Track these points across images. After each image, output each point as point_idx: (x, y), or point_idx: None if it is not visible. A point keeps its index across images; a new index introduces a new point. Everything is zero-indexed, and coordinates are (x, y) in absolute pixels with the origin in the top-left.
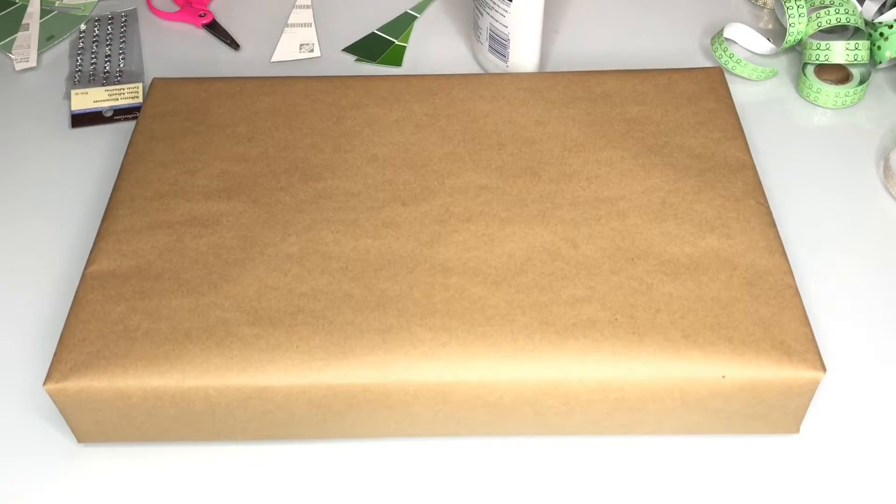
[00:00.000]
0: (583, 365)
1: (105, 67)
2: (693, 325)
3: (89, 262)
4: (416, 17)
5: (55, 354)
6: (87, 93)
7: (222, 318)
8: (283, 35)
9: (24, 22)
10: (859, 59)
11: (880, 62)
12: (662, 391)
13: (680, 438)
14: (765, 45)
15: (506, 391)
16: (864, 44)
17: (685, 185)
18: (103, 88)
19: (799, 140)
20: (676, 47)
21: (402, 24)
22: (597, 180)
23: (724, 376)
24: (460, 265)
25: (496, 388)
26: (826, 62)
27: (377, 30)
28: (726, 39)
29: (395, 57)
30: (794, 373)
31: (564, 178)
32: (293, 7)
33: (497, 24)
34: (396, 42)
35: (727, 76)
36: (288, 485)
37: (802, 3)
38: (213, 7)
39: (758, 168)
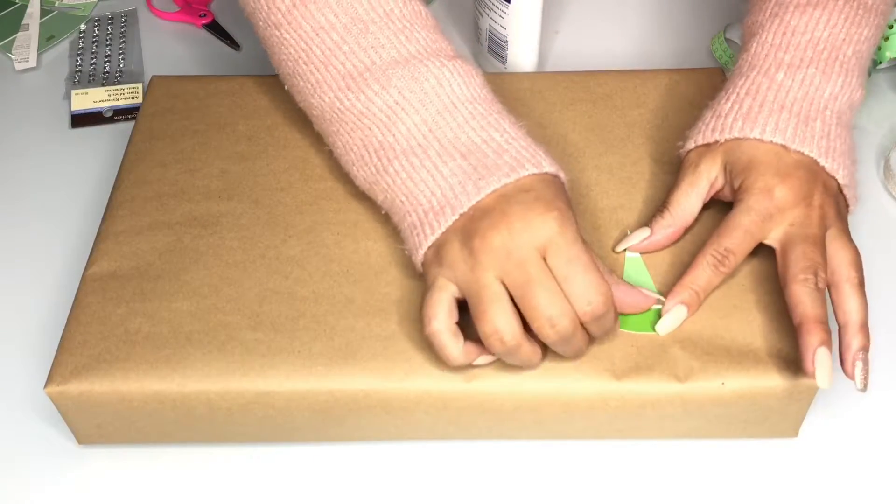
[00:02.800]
0: (582, 374)
1: (105, 67)
2: (691, 334)
3: (89, 264)
4: None
5: (55, 357)
6: (87, 93)
7: (223, 322)
8: None
9: (24, 22)
10: None
11: (880, 62)
12: (662, 399)
13: (679, 442)
14: None
15: (506, 399)
16: None
17: None
18: (103, 89)
19: None
20: (677, 47)
21: None
22: (596, 188)
23: (723, 383)
24: None
25: (497, 395)
26: None
27: None
28: (727, 40)
29: None
30: (792, 379)
31: None
32: None
33: (496, 26)
34: None
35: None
36: (288, 486)
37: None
38: (213, 7)
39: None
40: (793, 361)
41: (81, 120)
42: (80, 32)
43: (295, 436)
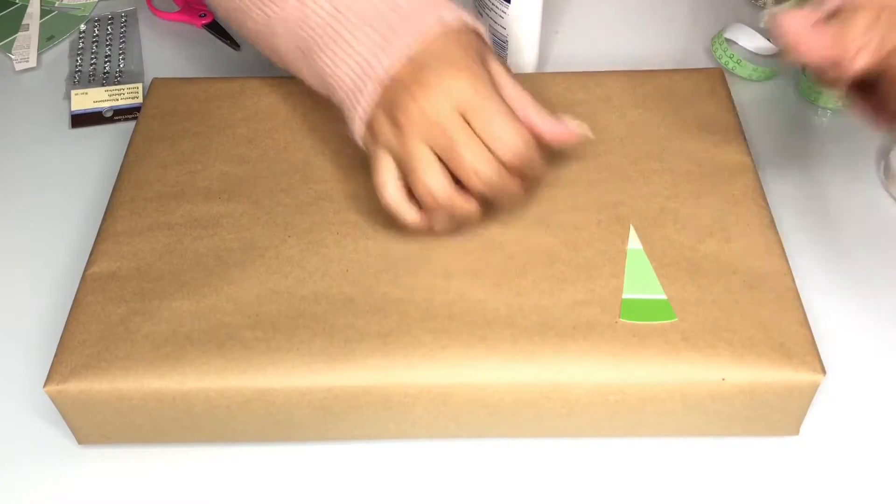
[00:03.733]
0: (583, 367)
1: (105, 67)
2: (693, 327)
3: (89, 264)
4: None
5: (55, 356)
6: (87, 93)
7: (223, 321)
8: None
9: (24, 22)
10: None
11: None
12: (663, 394)
13: (679, 440)
14: (765, 45)
15: (506, 394)
16: None
17: (684, 189)
18: (103, 88)
19: (799, 140)
20: (676, 47)
21: None
22: (597, 185)
23: (724, 378)
24: (461, 268)
25: (496, 390)
26: None
27: None
28: (726, 39)
29: None
30: (793, 375)
31: (564, 182)
32: None
33: (496, 26)
34: None
35: (727, 76)
36: (288, 486)
37: (802, 3)
38: None
39: (758, 169)
40: (794, 357)
41: (81, 120)
42: (80, 32)
43: (295, 434)
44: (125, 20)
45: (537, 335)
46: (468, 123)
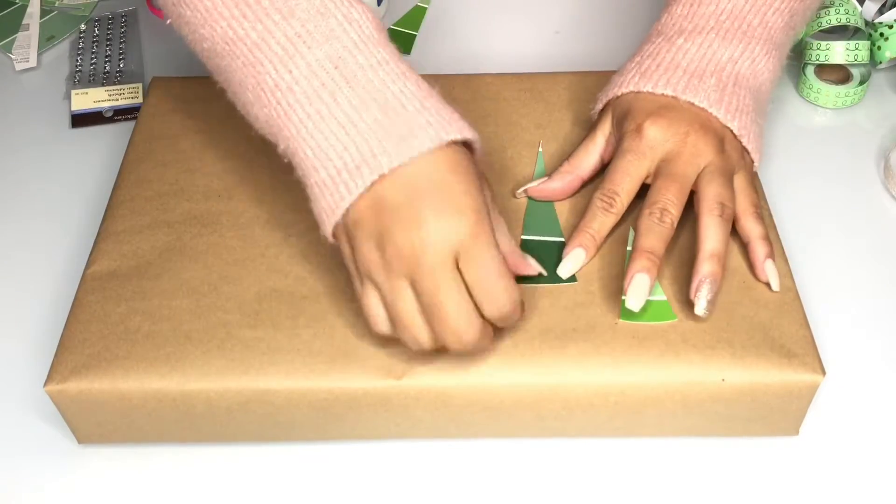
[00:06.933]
0: (583, 369)
1: (105, 67)
2: (692, 328)
3: (89, 263)
4: (426, 9)
5: (55, 356)
6: (87, 93)
7: (223, 320)
8: None
9: (24, 22)
10: (859, 59)
11: (880, 62)
12: (662, 395)
13: (679, 440)
14: None
15: (506, 395)
16: (864, 44)
17: None
18: (103, 88)
19: (799, 140)
20: None
21: (416, 16)
22: (596, 181)
23: (723, 379)
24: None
25: (497, 391)
26: (826, 62)
27: (392, 25)
28: None
29: (405, 44)
30: (793, 376)
31: None
32: None
33: None
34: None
35: None
36: (288, 486)
37: None
38: None
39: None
40: (794, 358)
41: (81, 120)
42: (80, 32)
43: (295, 434)
44: (125, 20)
45: (537, 337)
46: (460, 269)
